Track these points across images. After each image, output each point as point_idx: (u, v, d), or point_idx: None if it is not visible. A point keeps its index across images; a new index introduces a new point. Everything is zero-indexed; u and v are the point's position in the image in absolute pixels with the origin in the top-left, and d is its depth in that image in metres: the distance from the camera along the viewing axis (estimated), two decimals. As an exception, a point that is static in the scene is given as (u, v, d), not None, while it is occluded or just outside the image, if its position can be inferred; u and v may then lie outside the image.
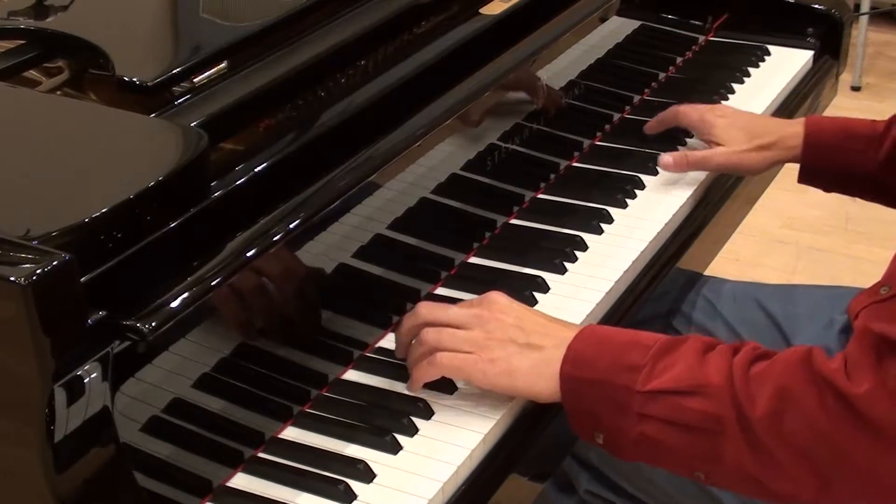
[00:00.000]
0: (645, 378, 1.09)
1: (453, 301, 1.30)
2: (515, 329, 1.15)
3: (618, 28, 1.75)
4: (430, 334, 1.16)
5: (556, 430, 1.18)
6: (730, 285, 1.59)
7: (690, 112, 1.60)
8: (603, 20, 1.67)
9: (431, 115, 1.28)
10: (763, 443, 1.06)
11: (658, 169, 1.57)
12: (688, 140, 1.64)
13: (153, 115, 1.12)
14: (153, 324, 0.95)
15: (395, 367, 1.21)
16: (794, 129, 1.55)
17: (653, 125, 1.64)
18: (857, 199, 1.63)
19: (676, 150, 1.60)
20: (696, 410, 1.07)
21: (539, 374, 1.13)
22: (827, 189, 1.60)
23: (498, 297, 1.19)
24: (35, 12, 1.26)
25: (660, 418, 1.09)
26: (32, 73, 1.22)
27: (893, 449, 1.03)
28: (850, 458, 1.04)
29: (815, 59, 1.90)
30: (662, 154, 1.55)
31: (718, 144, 1.55)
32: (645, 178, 1.55)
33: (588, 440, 1.14)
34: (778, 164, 1.57)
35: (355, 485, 1.07)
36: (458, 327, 1.16)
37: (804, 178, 1.58)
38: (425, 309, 1.19)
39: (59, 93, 1.22)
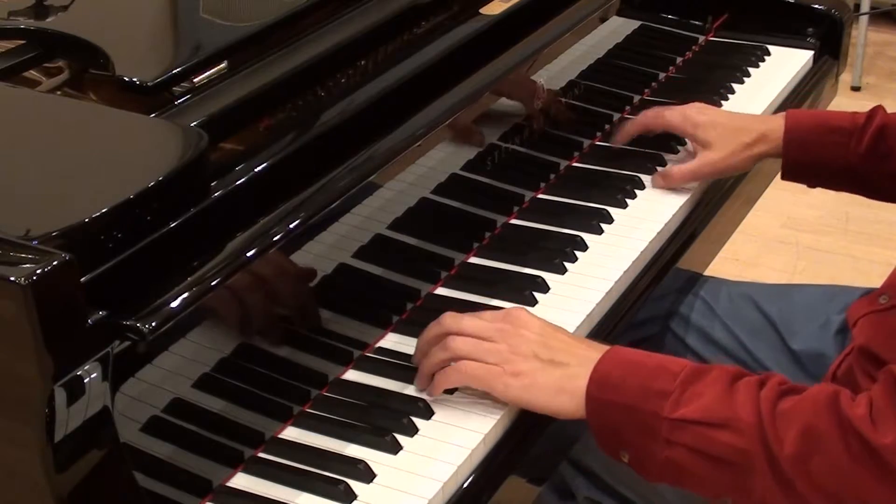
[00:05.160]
0: (673, 405, 1.09)
1: (454, 300, 1.30)
2: (539, 345, 1.16)
3: (618, 28, 1.75)
4: (456, 342, 1.16)
5: (554, 432, 1.18)
6: (727, 286, 1.59)
7: (667, 112, 1.57)
8: (603, 20, 1.67)
9: (431, 115, 1.28)
10: (791, 481, 1.06)
11: (658, 169, 1.57)
12: (669, 157, 1.61)
13: (153, 115, 1.12)
14: (153, 324, 0.95)
15: (395, 367, 1.21)
16: (775, 122, 1.55)
17: (624, 136, 1.60)
18: (858, 199, 1.63)
19: (675, 149, 1.60)
20: (724, 444, 1.08)
21: (561, 391, 1.14)
22: (811, 184, 1.60)
23: (521, 313, 1.19)
24: (35, 12, 1.26)
25: (688, 447, 1.09)
26: (32, 73, 1.22)
27: None
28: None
29: (815, 59, 1.89)
30: (653, 176, 1.54)
31: (703, 145, 1.53)
32: (645, 178, 1.55)
33: (613, 457, 1.15)
34: (764, 158, 1.56)
35: (355, 485, 1.07)
36: (481, 339, 1.17)
37: (787, 174, 1.57)
38: (450, 319, 1.19)
39: (59, 93, 1.22)
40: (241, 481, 1.09)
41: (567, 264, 1.38)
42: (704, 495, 1.14)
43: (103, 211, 0.94)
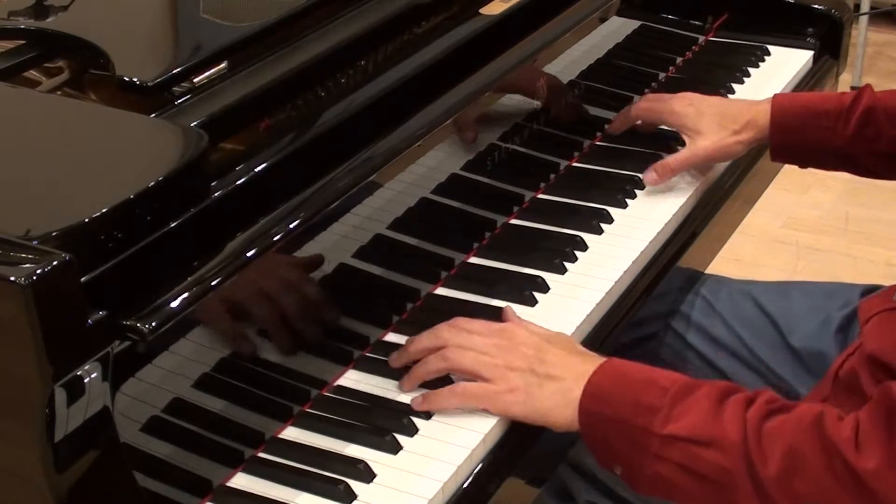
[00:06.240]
0: (662, 421, 1.10)
1: (454, 300, 1.30)
2: (535, 360, 1.16)
3: (618, 28, 1.75)
4: (455, 353, 1.17)
5: (553, 433, 1.18)
6: (728, 284, 1.59)
7: (655, 106, 1.59)
8: (603, 20, 1.67)
9: (431, 115, 1.28)
10: (774, 499, 1.07)
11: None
12: (679, 148, 1.60)
13: (153, 115, 1.12)
14: (153, 324, 0.95)
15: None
16: (761, 108, 1.55)
17: (616, 125, 1.63)
18: (858, 199, 1.63)
19: (675, 148, 1.60)
20: (710, 462, 1.08)
21: (556, 405, 1.14)
22: (801, 165, 1.60)
23: (518, 329, 1.20)
24: (35, 12, 1.26)
25: (676, 463, 1.10)
26: (32, 73, 1.22)
27: None
28: None
29: (815, 59, 1.89)
30: (644, 173, 1.53)
31: (692, 135, 1.54)
32: (645, 177, 1.55)
33: (608, 470, 1.15)
34: (755, 143, 1.57)
35: (355, 485, 1.07)
36: (480, 353, 1.17)
37: (775, 155, 1.58)
38: (448, 332, 1.19)
39: (59, 93, 1.22)
40: (241, 481, 1.09)
41: (567, 264, 1.38)
42: None
43: (103, 211, 0.94)
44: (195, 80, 1.17)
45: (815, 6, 1.91)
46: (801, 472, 1.06)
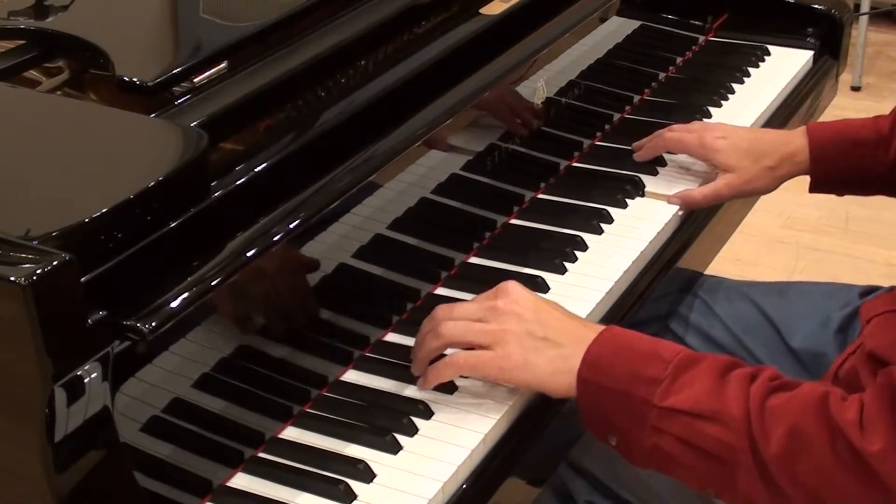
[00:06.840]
0: (663, 393, 1.09)
1: (454, 300, 1.30)
2: (533, 323, 1.15)
3: (618, 28, 1.75)
4: (446, 326, 1.16)
5: (552, 434, 1.18)
6: (726, 285, 1.59)
7: (686, 138, 1.55)
8: (603, 20, 1.67)
9: (431, 115, 1.28)
10: (774, 479, 1.06)
11: (658, 169, 1.57)
12: (669, 157, 1.59)
13: (153, 115, 1.12)
14: (153, 324, 0.95)
15: (396, 366, 1.21)
16: (798, 142, 1.53)
17: (644, 154, 1.58)
18: (858, 199, 1.63)
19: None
20: (711, 436, 1.08)
21: (555, 371, 1.13)
22: (841, 193, 1.59)
23: (514, 288, 1.18)
24: (35, 12, 1.26)
25: (675, 436, 1.09)
26: (32, 73, 1.22)
27: None
28: None
29: (815, 59, 1.90)
30: (670, 196, 1.51)
31: (724, 169, 1.51)
32: (645, 178, 1.55)
33: (601, 440, 1.15)
34: (789, 178, 1.55)
35: (355, 485, 1.07)
36: (474, 321, 1.16)
37: (816, 188, 1.56)
38: (442, 310, 1.19)
39: (59, 93, 1.22)
40: (241, 481, 1.09)
41: (567, 264, 1.38)
42: (689, 485, 1.14)
43: (103, 211, 0.94)
44: (195, 80, 1.17)
45: (815, 6, 1.91)
46: (803, 453, 1.05)
